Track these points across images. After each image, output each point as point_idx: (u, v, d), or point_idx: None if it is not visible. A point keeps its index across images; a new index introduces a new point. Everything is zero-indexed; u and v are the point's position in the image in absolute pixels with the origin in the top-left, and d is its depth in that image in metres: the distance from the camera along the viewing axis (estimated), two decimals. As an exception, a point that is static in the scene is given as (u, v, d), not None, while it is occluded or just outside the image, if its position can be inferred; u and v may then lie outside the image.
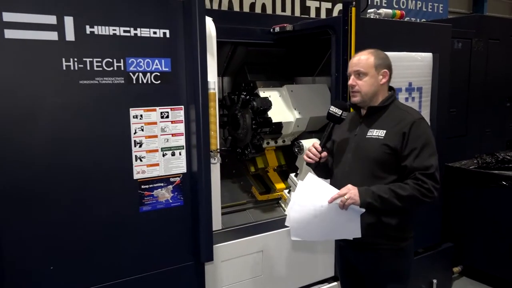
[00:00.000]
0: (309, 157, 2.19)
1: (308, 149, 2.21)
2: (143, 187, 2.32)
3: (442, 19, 6.58)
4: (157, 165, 2.36)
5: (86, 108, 2.13)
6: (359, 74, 2.11)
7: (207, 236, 2.44)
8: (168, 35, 2.31)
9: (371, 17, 3.08)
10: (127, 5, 2.19)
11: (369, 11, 3.14)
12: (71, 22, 2.04)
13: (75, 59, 2.07)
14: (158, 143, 2.35)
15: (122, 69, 2.20)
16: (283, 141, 3.46)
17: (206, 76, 2.34)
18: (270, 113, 3.18)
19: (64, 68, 2.05)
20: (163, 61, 2.31)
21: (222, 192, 2.76)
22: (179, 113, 2.39)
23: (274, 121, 3.18)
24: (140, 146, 2.29)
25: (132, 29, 2.20)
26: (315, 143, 2.21)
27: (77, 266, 2.18)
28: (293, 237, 2.11)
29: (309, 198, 2.02)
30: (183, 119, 2.41)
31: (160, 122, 2.34)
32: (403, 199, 1.97)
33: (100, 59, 2.13)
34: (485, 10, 10.92)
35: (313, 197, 2.01)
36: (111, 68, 2.17)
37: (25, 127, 2.00)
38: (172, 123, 2.38)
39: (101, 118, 2.17)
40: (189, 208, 2.46)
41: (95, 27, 2.11)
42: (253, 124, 3.18)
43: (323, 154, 2.19)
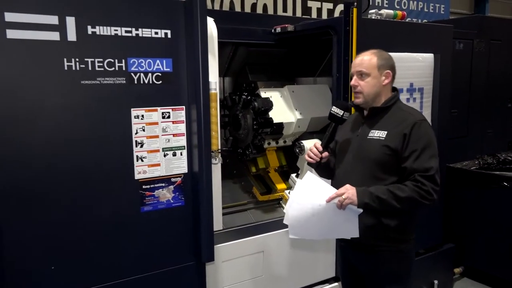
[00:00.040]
0: (310, 157, 2.20)
1: (309, 148, 2.22)
2: (144, 187, 2.33)
3: (443, 19, 6.57)
4: (158, 165, 2.36)
5: (87, 108, 2.13)
6: (362, 74, 2.11)
7: (208, 236, 2.45)
8: (169, 36, 2.31)
9: (373, 17, 3.08)
10: (129, 5, 2.20)
11: (370, 11, 3.14)
12: (73, 22, 2.05)
13: (77, 59, 2.08)
14: (159, 143, 2.35)
15: (123, 69, 2.20)
16: (284, 142, 3.46)
17: (207, 76, 2.34)
18: (271, 114, 3.19)
19: (65, 68, 2.06)
20: (164, 61, 2.31)
21: (223, 192, 2.76)
22: (180, 114, 2.40)
23: (275, 121, 3.18)
24: (141, 146, 2.30)
25: (133, 30, 2.21)
26: (317, 143, 2.21)
27: (78, 266, 2.19)
28: (291, 235, 2.12)
29: (308, 196, 2.03)
30: (184, 119, 2.41)
31: (161, 122, 2.35)
32: (401, 201, 1.96)
33: (101, 59, 2.14)
34: (487, 10, 10.89)
35: (312, 195, 2.02)
36: (113, 68, 2.17)
37: (27, 127, 2.00)
38: (173, 123, 2.38)
39: (102, 118, 2.18)
40: (190, 208, 2.46)
41: (97, 27, 2.11)
42: (254, 124, 3.18)
43: (324, 154, 2.19)
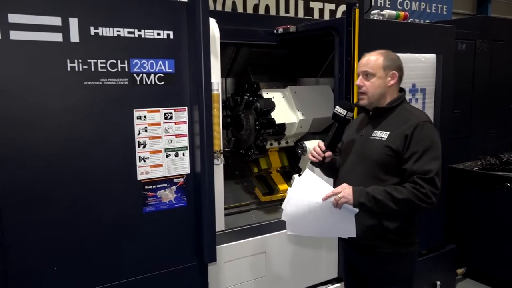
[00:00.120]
0: (313, 156, 2.22)
1: (313, 148, 2.23)
2: (146, 187, 2.33)
3: (446, 20, 6.58)
4: (161, 166, 2.36)
5: (90, 109, 2.14)
6: (367, 74, 2.10)
7: (211, 236, 2.45)
8: (172, 36, 2.31)
9: (375, 18, 3.08)
10: (131, 6, 2.20)
11: (372, 12, 3.14)
12: (76, 23, 2.05)
13: (80, 60, 2.08)
14: (161, 144, 2.36)
15: (126, 70, 2.21)
16: (287, 142, 3.46)
17: (209, 77, 2.34)
18: (273, 114, 3.18)
19: (68, 69, 2.06)
20: (167, 62, 2.32)
21: (225, 193, 2.77)
22: (182, 114, 2.40)
23: (277, 122, 3.18)
24: (143, 147, 2.30)
25: (136, 31, 2.21)
26: (320, 142, 2.22)
27: (80, 266, 2.19)
28: (289, 231, 2.13)
29: (305, 194, 2.03)
30: (187, 120, 2.41)
31: (163, 123, 2.35)
32: (398, 203, 1.92)
33: (104, 60, 2.14)
34: (489, 11, 10.88)
35: (309, 193, 2.02)
36: (115, 69, 2.18)
37: (30, 127, 2.01)
38: (175, 124, 2.39)
39: (105, 119, 2.18)
40: (192, 209, 2.47)
41: (100, 29, 2.11)
42: (256, 125, 3.18)
43: (327, 153, 2.20)
